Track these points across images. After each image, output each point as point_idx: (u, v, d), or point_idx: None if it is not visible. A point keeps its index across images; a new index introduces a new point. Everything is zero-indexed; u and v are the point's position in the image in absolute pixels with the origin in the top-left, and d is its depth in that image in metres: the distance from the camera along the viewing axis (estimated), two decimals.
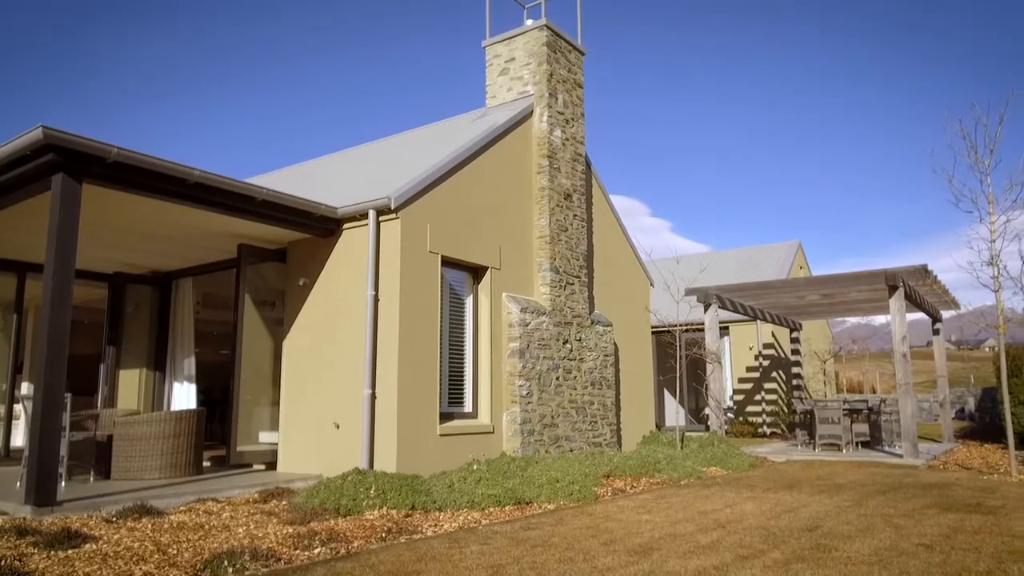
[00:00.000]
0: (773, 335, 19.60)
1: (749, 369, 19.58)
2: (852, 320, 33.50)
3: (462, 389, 9.19)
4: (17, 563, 4.43)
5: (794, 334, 18.50)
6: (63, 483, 6.81)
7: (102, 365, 11.11)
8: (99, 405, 10.82)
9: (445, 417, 8.63)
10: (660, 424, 17.40)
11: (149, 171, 6.78)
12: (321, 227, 8.60)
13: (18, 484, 6.85)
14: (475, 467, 7.79)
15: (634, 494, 7.73)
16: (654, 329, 13.85)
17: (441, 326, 8.73)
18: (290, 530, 5.50)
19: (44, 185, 6.50)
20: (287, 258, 9.29)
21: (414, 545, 5.14)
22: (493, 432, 9.08)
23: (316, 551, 4.91)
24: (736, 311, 15.16)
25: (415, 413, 8.06)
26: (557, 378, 9.91)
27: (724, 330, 18.72)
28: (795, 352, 18.48)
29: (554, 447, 9.64)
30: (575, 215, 10.74)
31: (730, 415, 18.99)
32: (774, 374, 19.52)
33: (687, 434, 12.24)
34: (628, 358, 12.40)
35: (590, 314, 10.95)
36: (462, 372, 9.22)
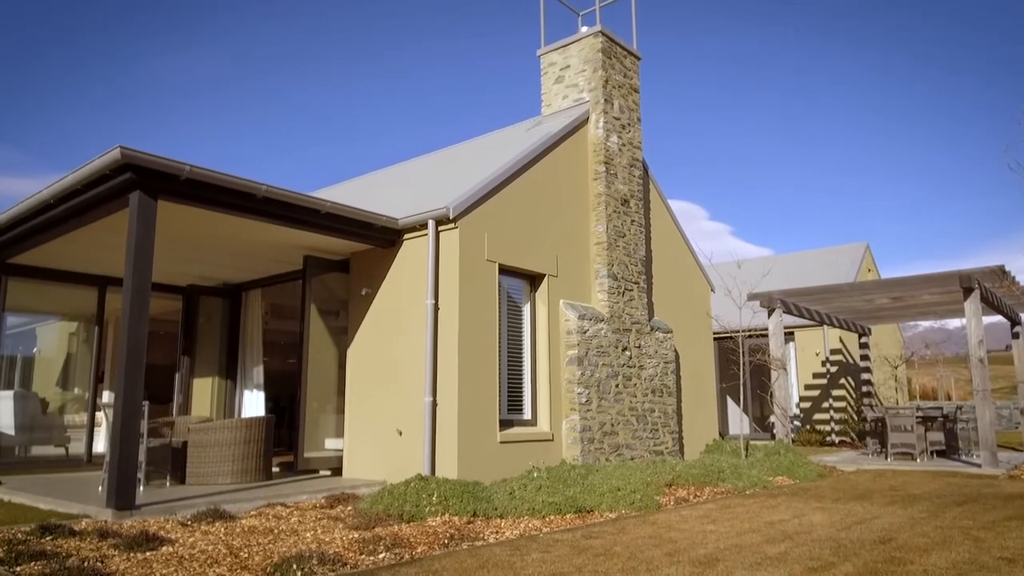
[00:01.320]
0: (841, 340, 19.01)
1: (816, 376, 19.02)
2: (925, 324, 32.26)
3: (521, 396, 9.23)
4: (99, 564, 4.65)
5: (863, 339, 17.90)
6: (141, 487, 7.12)
7: (177, 374, 11.58)
8: (174, 412, 11.28)
9: (504, 424, 8.68)
10: (723, 432, 17.05)
11: (219, 187, 7.06)
12: (382, 238, 8.78)
13: (100, 488, 7.19)
14: (535, 474, 7.80)
15: (697, 503, 7.61)
16: (716, 335, 13.61)
17: (499, 334, 8.79)
18: (355, 535, 5.61)
19: (122, 203, 6.84)
20: (350, 268, 9.51)
21: (476, 552, 5.18)
22: (552, 440, 9.08)
23: (381, 556, 5.00)
24: (801, 316, 14.78)
25: (475, 420, 8.13)
26: (616, 385, 9.84)
27: (789, 336, 18.26)
28: (864, 358, 17.86)
29: (614, 455, 9.57)
30: (633, 220, 10.67)
31: (796, 423, 18.48)
32: (842, 381, 18.91)
33: (752, 442, 11.97)
34: (689, 365, 12.23)
35: (649, 320, 10.84)
36: (520, 379, 9.25)
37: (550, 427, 9.11)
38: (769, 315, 13.59)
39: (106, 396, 10.80)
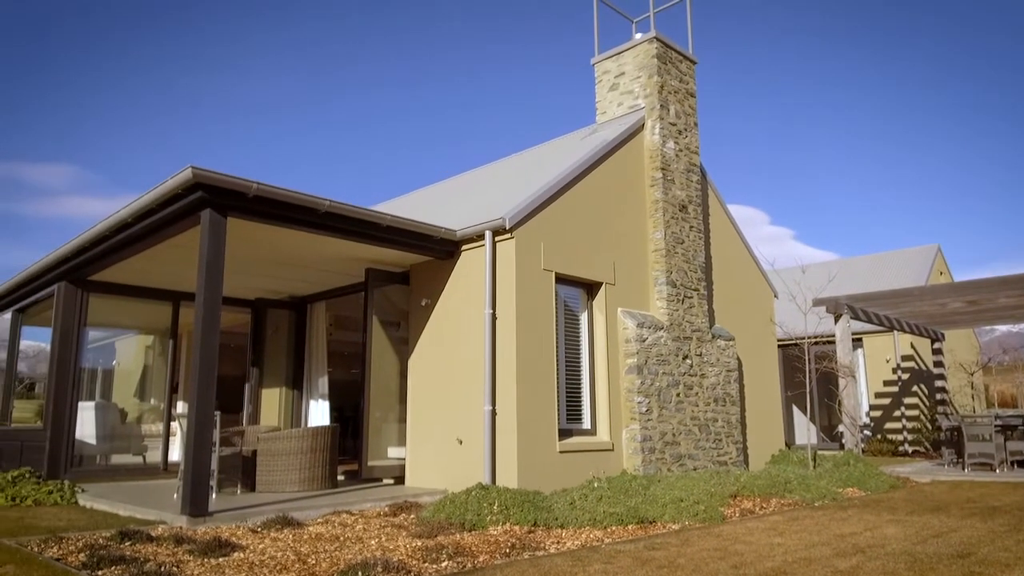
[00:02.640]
0: (912, 346, 18.31)
1: (886, 383, 18.36)
2: (1002, 328, 30.82)
3: (580, 406, 9.20)
4: (175, 569, 4.85)
5: (936, 345, 17.20)
6: (214, 495, 7.37)
7: (246, 384, 11.96)
8: (244, 422, 11.64)
9: (564, 434, 8.67)
10: (790, 442, 16.61)
11: (284, 203, 7.29)
12: (441, 249, 8.90)
13: (175, 495, 7.47)
14: (596, 484, 7.77)
15: (764, 515, 7.44)
16: (780, 342, 13.30)
17: (557, 343, 8.80)
18: (418, 543, 5.69)
19: (194, 220, 7.13)
20: (410, 280, 9.67)
21: (537, 562, 5.19)
22: (612, 449, 9.01)
23: (443, 564, 5.06)
24: (870, 321, 14.31)
25: (534, 429, 8.15)
26: (677, 394, 9.71)
27: (857, 342, 17.69)
28: (938, 364, 17.16)
29: (676, 465, 9.44)
30: (691, 226, 10.54)
31: (866, 433, 17.86)
32: (914, 388, 18.20)
33: (820, 453, 11.63)
34: (753, 373, 11.97)
35: (711, 328, 10.67)
36: (579, 389, 9.23)
37: (610, 437, 9.05)
38: (836, 321, 13.20)
39: (180, 406, 11.23)
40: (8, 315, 12.46)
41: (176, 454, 10.49)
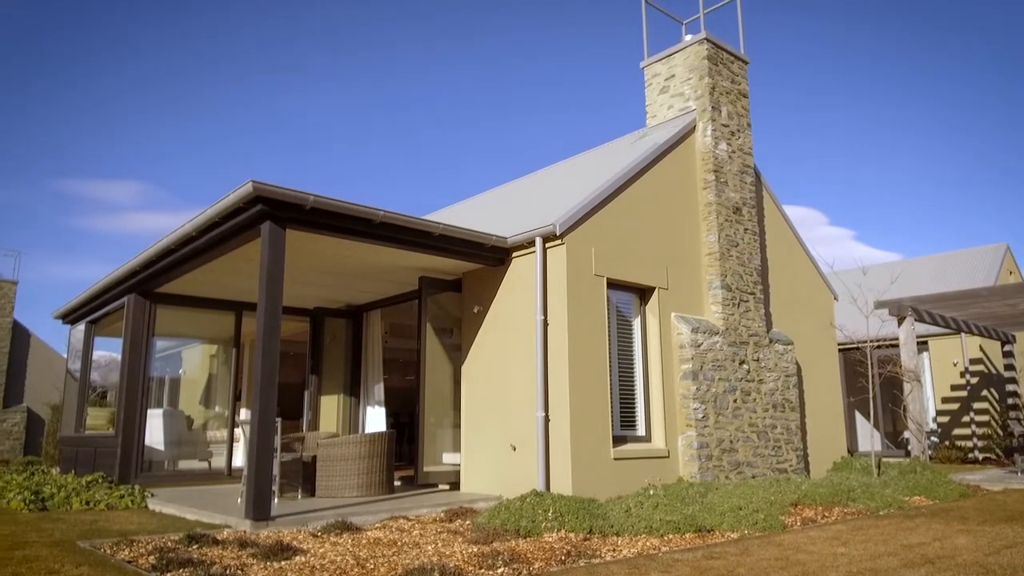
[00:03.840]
0: (981, 349, 17.58)
1: (954, 388, 17.67)
2: None
3: (634, 412, 9.13)
4: (240, 572, 5.00)
5: (1007, 347, 16.48)
6: (276, 500, 7.57)
7: (306, 391, 12.25)
8: (304, 428, 11.93)
9: (618, 441, 8.62)
10: (852, 449, 16.14)
11: (340, 214, 7.46)
12: (492, 257, 8.97)
13: (239, 500, 7.70)
14: (651, 492, 7.69)
15: (826, 524, 7.25)
16: (841, 346, 12.94)
17: (609, 348, 8.76)
18: (474, 549, 5.73)
19: (255, 233, 7.35)
20: (462, 287, 9.76)
21: (593, 569, 5.17)
22: (668, 456, 8.92)
23: (499, 571, 5.08)
24: (935, 324, 13.81)
25: (588, 436, 8.12)
26: (734, 400, 9.55)
27: (922, 345, 17.08)
28: (1009, 367, 16.43)
29: (734, 473, 9.28)
30: (746, 229, 10.37)
31: (933, 439, 17.22)
32: (984, 392, 17.46)
33: (884, 460, 11.27)
34: (813, 378, 11.68)
35: (768, 332, 10.47)
36: (633, 395, 9.16)
37: (665, 443, 8.96)
38: (899, 324, 12.79)
39: (243, 413, 11.57)
40: (82, 327, 13.05)
41: (239, 460, 10.80)
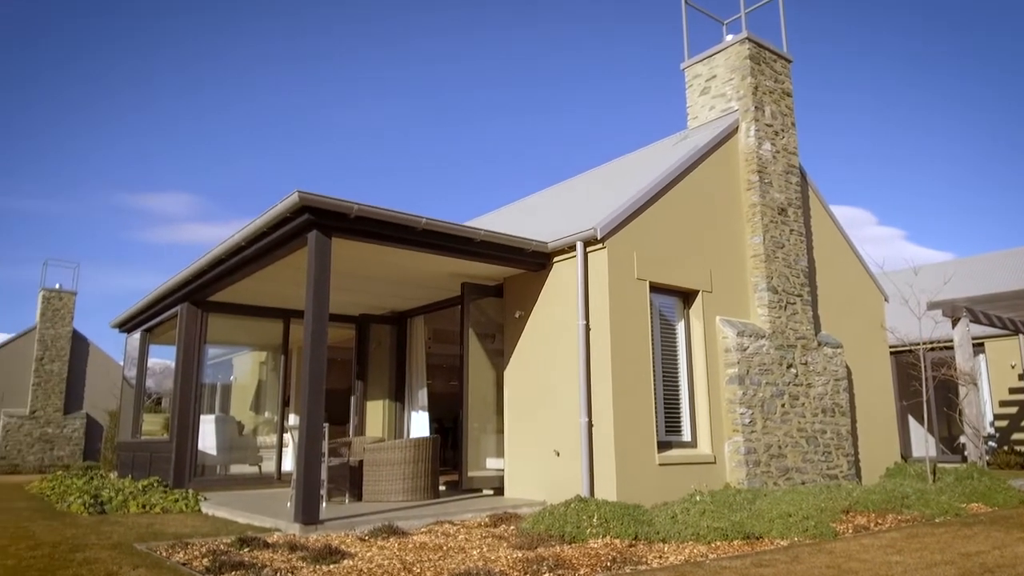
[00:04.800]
0: None
1: (1012, 391, 17.03)
2: None
3: (679, 418, 9.04)
4: (290, 575, 5.11)
5: None
6: (324, 504, 7.70)
7: (352, 397, 12.43)
8: (351, 433, 12.10)
9: (663, 446, 8.54)
10: (906, 455, 15.69)
11: (384, 222, 7.57)
12: (533, 261, 8.99)
13: (289, 504, 7.85)
14: (698, 498, 7.60)
15: (879, 532, 7.07)
16: (892, 349, 12.61)
17: (653, 353, 8.69)
18: (519, 554, 5.74)
19: (301, 242, 7.51)
20: (504, 293, 9.80)
21: None
22: (715, 462, 8.80)
23: None
24: (992, 324, 13.35)
25: (632, 441, 8.07)
26: (782, 405, 9.38)
27: (978, 347, 16.53)
28: None
29: (783, 479, 9.11)
30: (792, 230, 10.19)
31: (991, 444, 16.62)
32: None
33: (939, 466, 10.93)
34: (863, 382, 11.40)
35: (816, 335, 10.26)
36: (678, 400, 9.07)
37: (711, 449, 8.84)
38: (954, 325, 12.41)
39: (292, 419, 11.80)
40: (137, 335, 13.47)
41: (289, 464, 11.01)
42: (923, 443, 14.94)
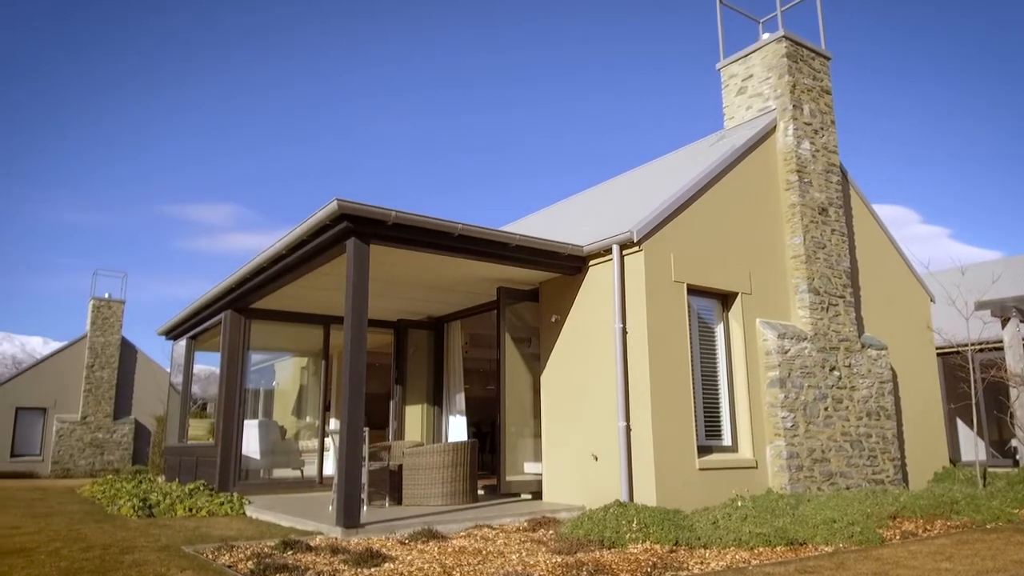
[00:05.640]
0: None
1: None
2: None
3: (719, 421, 8.94)
4: None
5: None
6: (365, 507, 7.78)
7: (391, 401, 12.56)
8: (390, 437, 12.23)
9: (703, 451, 8.45)
10: (954, 459, 15.24)
11: (420, 228, 7.65)
12: (569, 265, 8.98)
13: (330, 507, 7.96)
14: (739, 503, 7.51)
15: (927, 538, 6.89)
16: (939, 350, 12.28)
17: (692, 356, 8.61)
18: (558, 559, 5.74)
19: (340, 249, 7.63)
20: (539, 297, 9.81)
21: None
22: (756, 467, 8.68)
23: None
24: None
25: (671, 446, 8.00)
26: (825, 408, 9.21)
27: None
28: None
29: (827, 484, 8.94)
30: (833, 230, 10.01)
31: None
32: None
33: (989, 470, 10.61)
34: (909, 384, 11.13)
35: (859, 337, 10.05)
36: (717, 404, 8.97)
37: (753, 454, 8.72)
38: (1003, 325, 12.03)
39: (333, 423, 11.96)
40: (183, 342, 13.81)
41: (330, 468, 11.16)
42: (972, 447, 14.50)
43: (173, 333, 14.36)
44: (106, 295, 24.53)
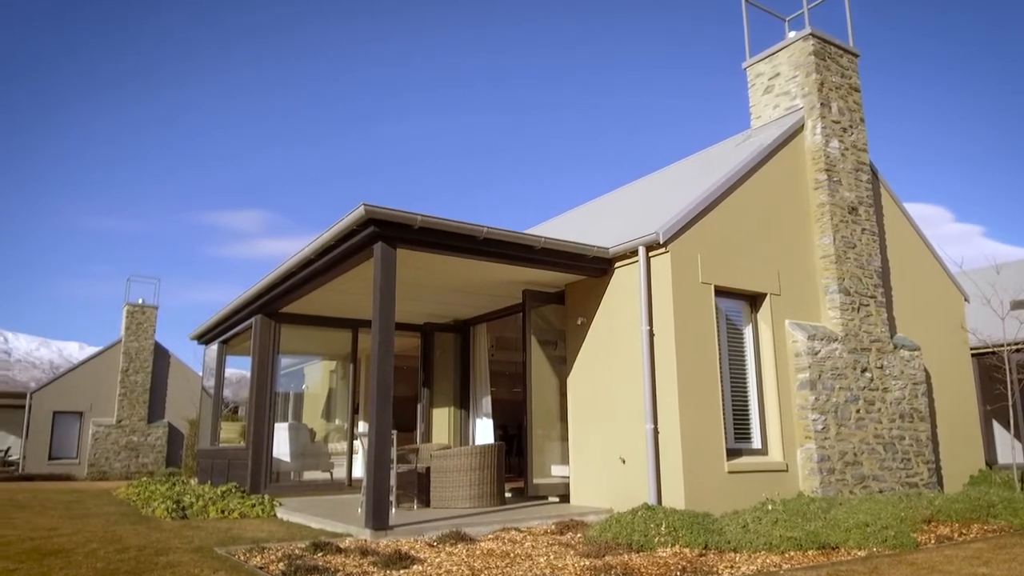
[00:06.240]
0: None
1: None
2: None
3: (748, 424, 8.85)
4: None
5: None
6: (393, 510, 7.84)
7: (419, 404, 12.63)
8: (418, 440, 12.30)
9: (732, 454, 8.37)
10: (991, 461, 14.91)
11: (446, 232, 7.69)
12: (594, 268, 8.96)
13: (359, 510, 8.03)
14: (770, 507, 7.42)
15: (963, 542, 6.76)
16: (974, 351, 12.03)
17: (720, 358, 8.54)
18: (587, 563, 5.72)
19: (367, 253, 7.70)
20: (565, 299, 9.80)
21: None
22: (787, 470, 8.57)
23: None
24: None
25: (700, 449, 7.94)
26: (857, 411, 9.07)
27: None
28: None
29: (859, 487, 8.80)
30: (863, 229, 9.87)
31: None
32: None
33: None
34: (943, 386, 10.92)
35: (891, 338, 9.89)
36: (746, 406, 8.88)
37: (783, 456, 8.62)
38: None
39: (361, 426, 12.06)
40: (215, 347, 14.03)
41: (359, 470, 11.25)
42: (1009, 449, 14.16)
43: (205, 338, 14.59)
44: (140, 301, 24.99)
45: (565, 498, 9.33)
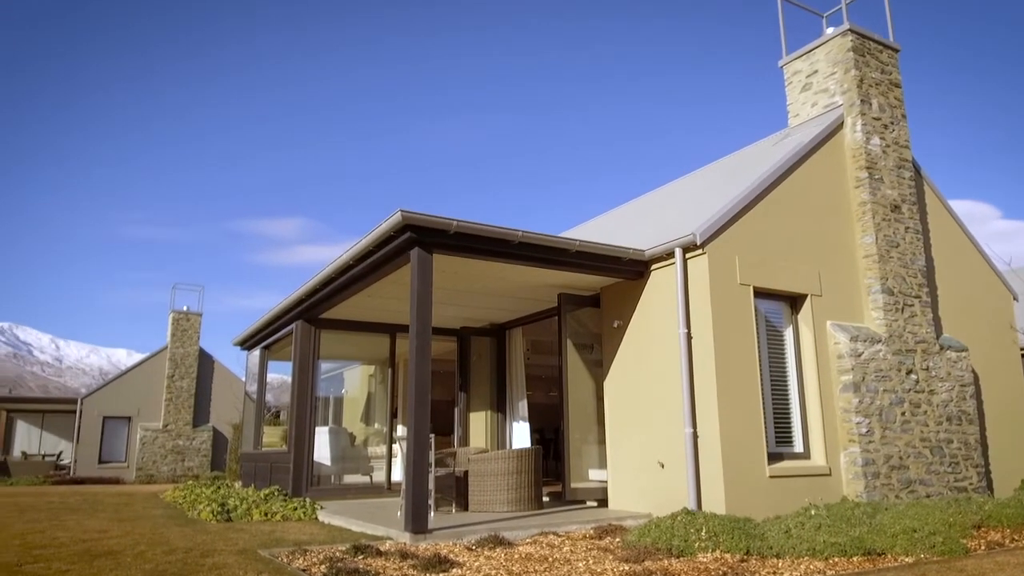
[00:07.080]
0: None
1: None
2: None
3: (789, 427, 8.71)
4: None
5: None
6: (432, 513, 7.89)
7: (456, 408, 12.71)
8: (456, 444, 12.37)
9: (773, 458, 8.24)
10: None
11: (481, 236, 7.74)
12: (630, 270, 8.92)
13: (399, 513, 8.11)
14: (812, 512, 7.28)
15: (1016, 549, 6.55)
16: None
17: (760, 360, 8.42)
18: (626, 567, 5.70)
19: (405, 259, 7.79)
20: (601, 302, 9.77)
21: None
22: (830, 474, 8.41)
23: None
24: None
25: (740, 453, 7.84)
26: (902, 413, 8.86)
27: None
28: None
29: (905, 492, 8.59)
30: (906, 228, 9.65)
31: None
32: None
33: None
34: (992, 387, 10.60)
35: (937, 338, 9.64)
36: (788, 409, 8.74)
37: (826, 460, 8.46)
38: None
39: (400, 430, 12.17)
40: (257, 352, 14.30)
41: (398, 474, 11.35)
42: None
43: (247, 344, 14.88)
44: (184, 308, 25.59)
45: (603, 502, 9.29)
